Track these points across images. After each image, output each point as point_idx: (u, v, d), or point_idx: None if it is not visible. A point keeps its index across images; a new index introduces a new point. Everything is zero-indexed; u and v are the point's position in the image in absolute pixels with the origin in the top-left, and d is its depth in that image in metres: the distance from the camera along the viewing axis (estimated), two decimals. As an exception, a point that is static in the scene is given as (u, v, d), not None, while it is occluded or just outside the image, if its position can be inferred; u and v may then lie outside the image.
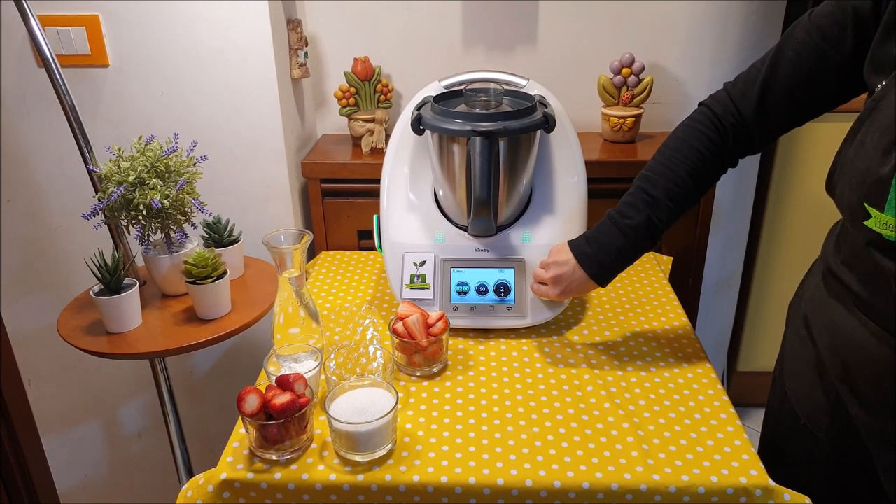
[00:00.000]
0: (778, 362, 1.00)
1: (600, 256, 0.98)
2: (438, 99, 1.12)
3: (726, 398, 0.96)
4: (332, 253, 1.44)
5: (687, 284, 1.55)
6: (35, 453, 1.49)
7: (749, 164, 1.62)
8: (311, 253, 1.52)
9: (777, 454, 0.97)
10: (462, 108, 1.10)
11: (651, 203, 0.94)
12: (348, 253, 1.44)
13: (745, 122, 0.91)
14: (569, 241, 1.02)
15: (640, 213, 0.94)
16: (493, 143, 1.02)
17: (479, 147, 1.00)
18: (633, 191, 0.97)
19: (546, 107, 1.10)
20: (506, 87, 1.14)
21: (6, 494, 1.42)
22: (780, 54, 0.85)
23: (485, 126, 1.01)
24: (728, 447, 0.87)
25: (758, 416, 2.12)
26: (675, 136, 0.96)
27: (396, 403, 0.86)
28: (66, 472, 1.65)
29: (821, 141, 1.71)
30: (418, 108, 1.09)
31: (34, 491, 1.47)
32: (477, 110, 1.08)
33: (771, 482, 0.81)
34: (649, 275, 1.31)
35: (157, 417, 1.63)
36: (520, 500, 0.82)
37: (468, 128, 1.01)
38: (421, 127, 1.06)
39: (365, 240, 1.49)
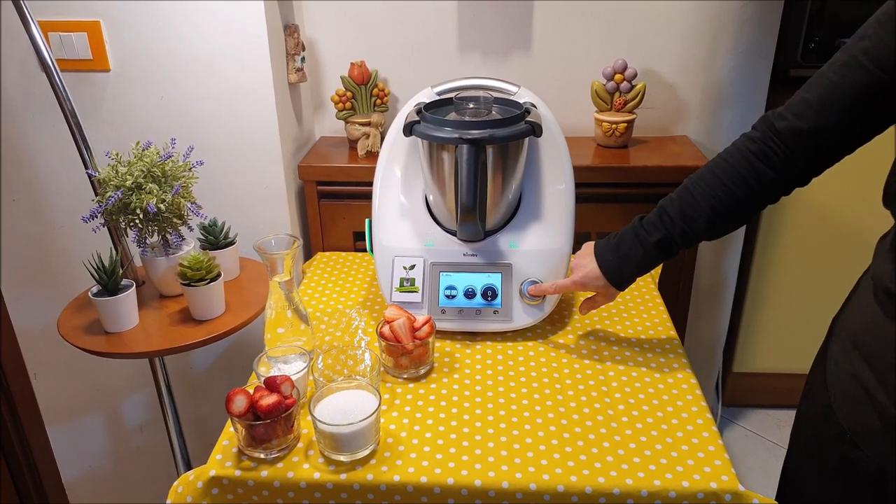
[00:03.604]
0: (817, 372, 0.92)
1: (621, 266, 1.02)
2: (430, 106, 1.14)
3: (704, 403, 0.98)
4: (328, 254, 1.47)
5: (678, 287, 1.56)
6: (41, 445, 1.53)
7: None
8: (308, 254, 1.55)
9: (807, 464, 0.93)
10: (452, 115, 1.12)
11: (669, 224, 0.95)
12: (344, 254, 1.47)
13: (792, 146, 0.84)
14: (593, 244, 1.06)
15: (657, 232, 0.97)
16: (481, 151, 1.04)
17: (466, 154, 1.02)
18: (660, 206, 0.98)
19: (531, 114, 1.12)
20: (496, 94, 1.16)
21: (13, 484, 1.46)
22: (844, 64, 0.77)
23: (472, 134, 1.03)
24: (702, 452, 0.89)
25: (752, 417, 2.14)
26: (707, 167, 0.93)
27: (379, 406, 0.88)
28: (70, 463, 1.69)
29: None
30: (417, 112, 1.11)
31: (40, 481, 1.51)
32: (466, 118, 1.10)
33: (741, 487, 0.83)
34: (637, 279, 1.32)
35: (159, 412, 1.66)
36: (496, 502, 0.85)
37: (456, 136, 1.03)
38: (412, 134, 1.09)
39: (360, 241, 1.52)
